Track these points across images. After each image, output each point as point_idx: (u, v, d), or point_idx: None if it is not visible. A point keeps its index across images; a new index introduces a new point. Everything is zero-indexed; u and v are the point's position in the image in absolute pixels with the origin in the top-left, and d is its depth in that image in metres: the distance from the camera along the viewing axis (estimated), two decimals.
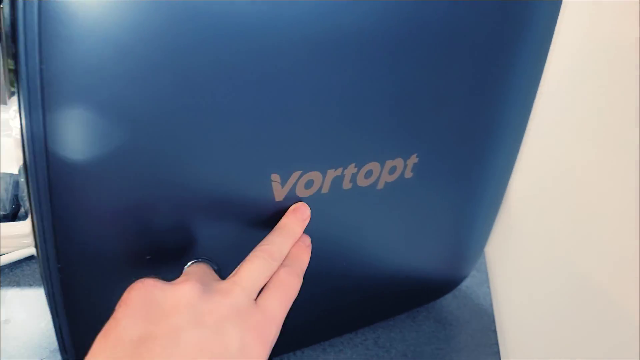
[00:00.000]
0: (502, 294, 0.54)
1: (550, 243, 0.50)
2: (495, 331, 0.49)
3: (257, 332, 0.27)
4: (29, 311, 0.45)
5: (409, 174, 0.38)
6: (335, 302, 0.43)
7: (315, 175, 0.34)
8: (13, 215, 0.52)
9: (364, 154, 0.35)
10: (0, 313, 0.44)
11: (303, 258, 0.33)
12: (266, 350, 0.27)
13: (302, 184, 0.34)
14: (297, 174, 0.33)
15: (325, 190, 0.35)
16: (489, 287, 0.54)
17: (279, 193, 0.33)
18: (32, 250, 0.49)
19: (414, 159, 0.38)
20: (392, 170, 0.37)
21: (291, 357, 0.43)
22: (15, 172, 0.51)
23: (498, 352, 0.46)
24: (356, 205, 0.37)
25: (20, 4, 0.23)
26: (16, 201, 0.52)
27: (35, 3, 0.23)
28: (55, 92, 0.25)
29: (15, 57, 0.25)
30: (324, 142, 0.33)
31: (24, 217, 0.52)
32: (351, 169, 0.35)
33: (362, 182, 0.36)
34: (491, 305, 0.52)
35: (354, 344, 0.45)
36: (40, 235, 0.30)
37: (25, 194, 0.30)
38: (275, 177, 0.33)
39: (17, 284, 0.47)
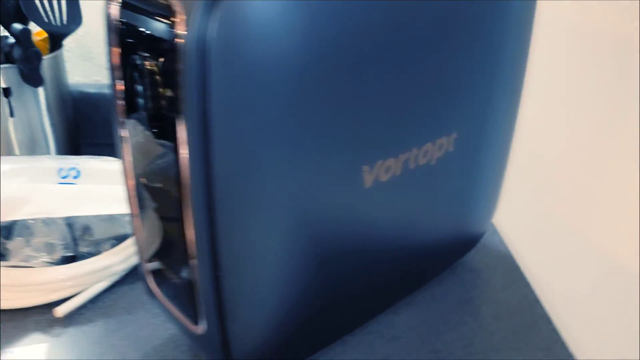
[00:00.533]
0: (515, 240, 0.64)
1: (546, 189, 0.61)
2: (519, 268, 0.58)
3: None
4: (135, 336, 0.49)
5: (450, 148, 0.47)
6: (391, 271, 0.51)
7: (392, 161, 0.42)
8: (72, 257, 0.56)
9: (424, 136, 0.43)
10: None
11: None
12: None
13: (383, 170, 0.41)
14: (380, 162, 0.41)
15: (397, 172, 0.43)
16: (500, 236, 0.64)
17: (368, 181, 0.41)
18: (105, 284, 0.53)
19: (454, 135, 0.46)
20: (440, 147, 0.46)
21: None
22: (77, 214, 0.55)
23: (529, 285, 0.56)
24: (418, 180, 0.45)
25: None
26: (76, 243, 0.56)
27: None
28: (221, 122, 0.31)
29: (175, 87, 0.31)
30: (399, 129, 0.41)
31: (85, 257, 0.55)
32: (415, 151, 0.43)
33: (421, 160, 0.44)
34: (507, 246, 0.62)
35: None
36: (200, 245, 0.35)
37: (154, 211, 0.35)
38: (366, 168, 0.40)
39: (107, 315, 0.52)
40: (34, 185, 0.55)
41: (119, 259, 0.55)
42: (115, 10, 0.34)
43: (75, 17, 0.73)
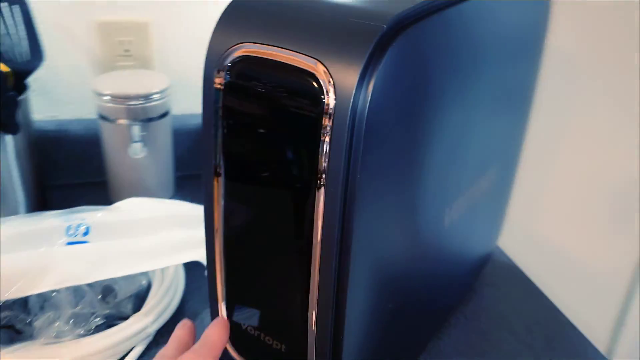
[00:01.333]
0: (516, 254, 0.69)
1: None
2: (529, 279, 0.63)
3: None
4: None
5: (492, 176, 0.50)
6: (440, 297, 0.53)
7: (461, 199, 0.43)
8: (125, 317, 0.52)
9: (482, 170, 0.46)
10: None
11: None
12: None
13: (455, 209, 0.43)
14: (455, 202, 0.42)
15: (462, 210, 0.45)
16: (501, 249, 0.68)
17: (447, 220, 0.42)
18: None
19: (495, 167, 0.49)
20: (488, 179, 0.48)
21: None
22: (103, 277, 0.51)
23: (543, 294, 0.61)
24: (471, 212, 0.48)
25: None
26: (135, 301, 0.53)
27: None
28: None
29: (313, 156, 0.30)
30: (471, 170, 0.43)
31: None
32: (476, 187, 0.45)
33: (476, 194, 0.47)
34: (511, 259, 0.66)
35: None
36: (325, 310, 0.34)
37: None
38: (448, 210, 0.41)
39: None
40: (46, 249, 0.50)
41: (152, 319, 0.51)
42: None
43: (37, 53, 0.66)
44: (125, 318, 0.52)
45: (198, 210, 0.66)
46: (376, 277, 0.36)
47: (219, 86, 0.33)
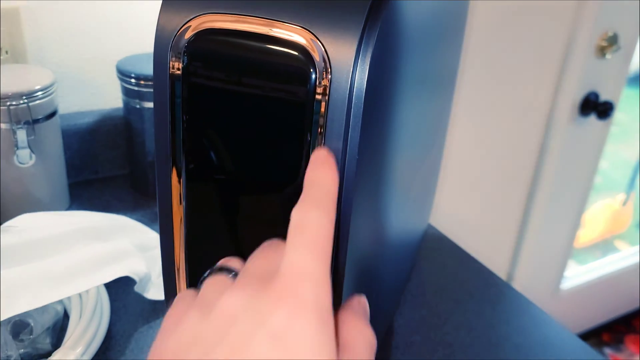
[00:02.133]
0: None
1: None
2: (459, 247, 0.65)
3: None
4: None
5: (432, 155, 0.49)
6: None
7: (416, 179, 0.42)
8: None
9: (428, 152, 0.45)
10: None
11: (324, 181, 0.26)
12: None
13: (412, 189, 0.42)
14: (413, 182, 0.41)
15: (416, 188, 0.44)
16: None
17: (406, 202, 0.41)
18: None
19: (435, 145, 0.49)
20: (430, 156, 0.48)
21: None
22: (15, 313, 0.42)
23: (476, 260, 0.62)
24: (422, 186, 0.47)
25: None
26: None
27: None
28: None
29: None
30: (421, 149, 0.41)
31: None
32: (424, 164, 0.44)
33: (424, 170, 0.46)
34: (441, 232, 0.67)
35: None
36: None
37: None
38: (407, 191, 0.40)
39: None
40: None
41: (81, 350, 0.44)
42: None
43: None
44: (46, 355, 0.44)
45: (108, 219, 0.58)
46: (363, 265, 0.33)
47: (176, 72, 0.28)
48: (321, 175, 0.26)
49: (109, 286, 0.52)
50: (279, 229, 0.25)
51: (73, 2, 0.65)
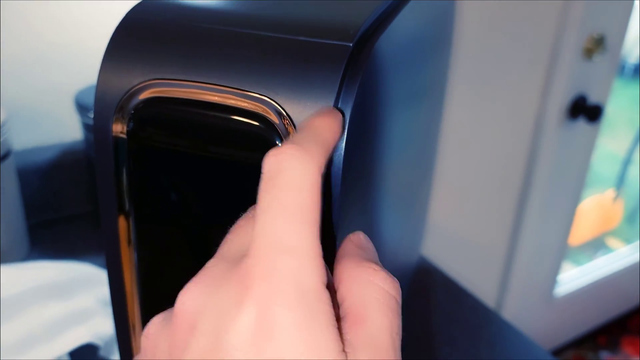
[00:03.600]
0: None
1: None
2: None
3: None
4: None
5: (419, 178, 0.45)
6: None
7: (408, 206, 0.38)
8: None
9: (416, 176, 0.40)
10: None
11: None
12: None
13: (403, 217, 0.37)
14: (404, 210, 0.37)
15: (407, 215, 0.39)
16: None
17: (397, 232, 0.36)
18: None
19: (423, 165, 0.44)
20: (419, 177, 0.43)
21: None
22: None
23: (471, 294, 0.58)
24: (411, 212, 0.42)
25: None
26: None
27: None
28: None
29: None
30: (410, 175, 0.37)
31: None
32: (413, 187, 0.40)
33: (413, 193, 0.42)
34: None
35: None
36: None
37: None
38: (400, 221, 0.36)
39: None
40: None
41: None
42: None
43: None
44: None
45: (69, 270, 0.53)
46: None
47: (120, 135, 0.24)
48: (319, 120, 0.19)
49: (71, 354, 0.47)
50: None
51: (25, 23, 0.60)
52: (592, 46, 1.01)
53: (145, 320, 0.28)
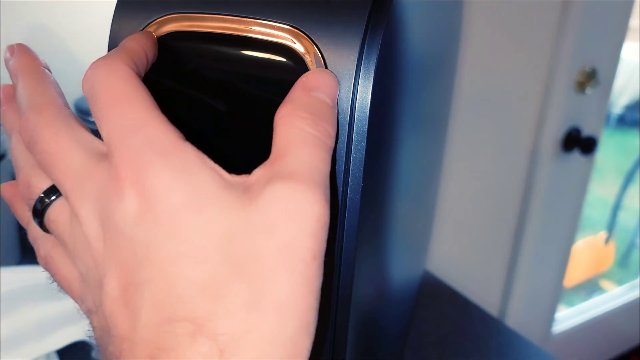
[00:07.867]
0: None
1: None
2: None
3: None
4: None
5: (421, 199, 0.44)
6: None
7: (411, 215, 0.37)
8: None
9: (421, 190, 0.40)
10: None
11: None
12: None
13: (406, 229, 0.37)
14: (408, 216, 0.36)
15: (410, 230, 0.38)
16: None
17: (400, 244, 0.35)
18: None
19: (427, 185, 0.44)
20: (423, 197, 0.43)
21: None
22: None
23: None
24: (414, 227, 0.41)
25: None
26: None
27: None
28: None
29: None
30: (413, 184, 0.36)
31: None
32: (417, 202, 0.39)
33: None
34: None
35: None
36: None
37: None
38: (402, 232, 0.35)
39: None
40: None
41: None
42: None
43: None
44: None
45: None
46: (365, 317, 0.28)
47: None
48: (125, 39, 0.21)
49: (62, 352, 0.45)
50: None
51: (26, 31, 0.60)
52: (584, 79, 1.03)
53: None
